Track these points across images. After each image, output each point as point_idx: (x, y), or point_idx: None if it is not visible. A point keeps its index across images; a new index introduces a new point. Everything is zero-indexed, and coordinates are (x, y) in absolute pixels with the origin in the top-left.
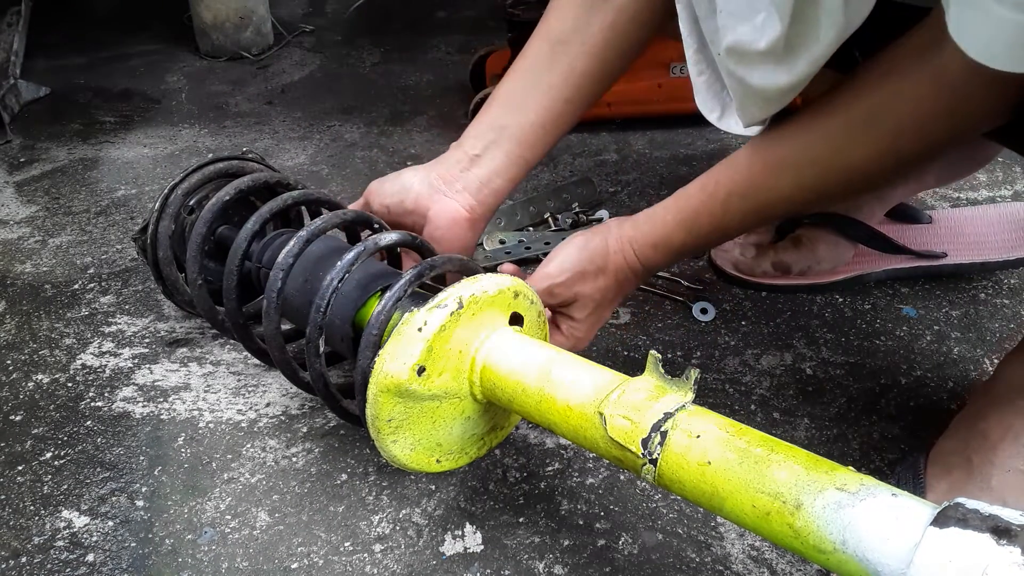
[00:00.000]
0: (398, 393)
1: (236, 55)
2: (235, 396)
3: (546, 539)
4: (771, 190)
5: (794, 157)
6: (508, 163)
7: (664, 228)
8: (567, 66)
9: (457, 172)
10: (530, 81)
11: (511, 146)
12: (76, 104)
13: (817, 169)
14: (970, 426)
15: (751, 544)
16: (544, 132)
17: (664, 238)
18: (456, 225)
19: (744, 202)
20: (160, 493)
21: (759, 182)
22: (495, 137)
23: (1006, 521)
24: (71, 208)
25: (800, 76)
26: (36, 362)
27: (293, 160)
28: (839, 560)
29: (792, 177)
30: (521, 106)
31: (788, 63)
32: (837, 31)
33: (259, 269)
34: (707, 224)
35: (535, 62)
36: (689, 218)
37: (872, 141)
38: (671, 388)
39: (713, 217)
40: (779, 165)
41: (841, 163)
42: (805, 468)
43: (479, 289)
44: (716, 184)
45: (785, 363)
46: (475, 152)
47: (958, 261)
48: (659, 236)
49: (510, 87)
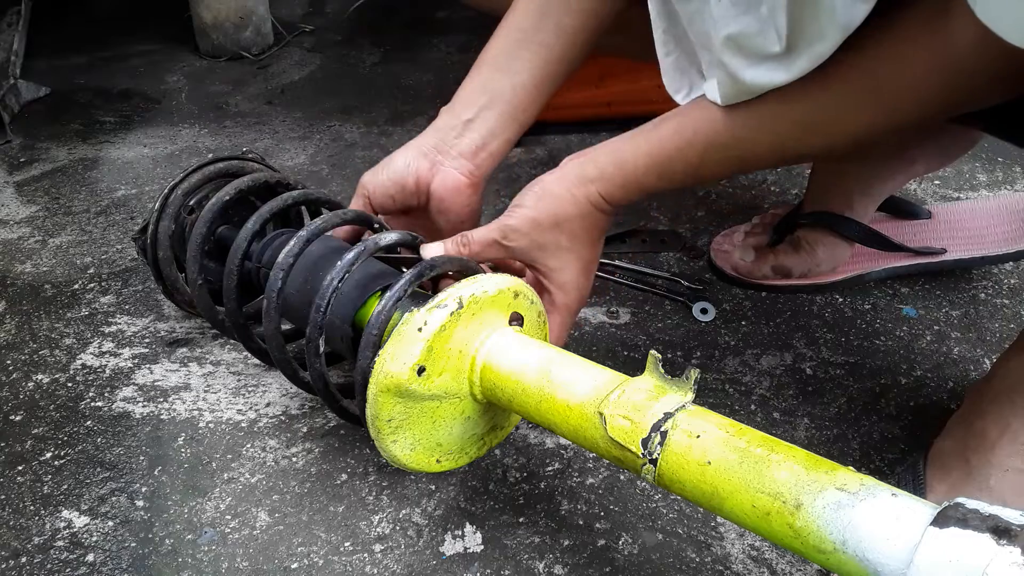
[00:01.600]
0: (398, 393)
1: (236, 55)
2: (235, 396)
3: (546, 539)
4: (755, 145)
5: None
6: (503, 125)
7: (635, 172)
8: (554, 23)
9: (451, 139)
10: (519, 40)
11: (504, 107)
12: (76, 104)
13: (806, 131)
14: (967, 425)
15: (751, 544)
16: (537, 92)
17: (635, 180)
18: (459, 193)
19: (724, 153)
20: (160, 493)
21: (742, 136)
22: (488, 100)
23: (1006, 521)
24: (71, 208)
25: (797, 74)
26: (36, 362)
27: (293, 160)
28: (839, 560)
29: (778, 136)
30: (512, 66)
31: (788, 61)
32: (840, 30)
33: (259, 269)
34: (681, 171)
35: (523, 20)
36: (662, 163)
37: (869, 109)
38: (671, 388)
39: (688, 165)
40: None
41: (833, 128)
42: (805, 468)
43: (479, 289)
44: (694, 132)
45: (785, 363)
46: (467, 116)
47: (958, 256)
48: (629, 179)
49: (499, 47)
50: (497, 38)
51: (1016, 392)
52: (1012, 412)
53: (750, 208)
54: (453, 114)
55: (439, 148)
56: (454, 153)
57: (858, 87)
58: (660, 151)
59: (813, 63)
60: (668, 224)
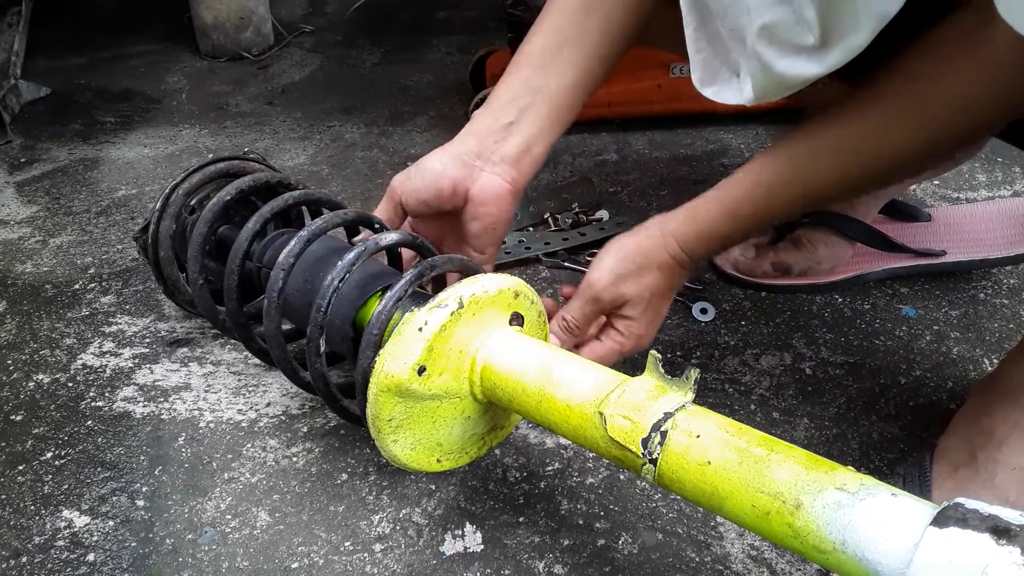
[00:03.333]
0: (399, 393)
1: (236, 55)
2: (235, 396)
3: (546, 539)
4: (815, 177)
5: (837, 145)
6: (546, 128)
7: (708, 218)
8: (602, 21)
9: (492, 144)
10: (564, 38)
11: (548, 109)
12: (76, 104)
13: (861, 156)
14: (974, 422)
15: (751, 544)
16: (580, 91)
17: (708, 228)
18: (501, 200)
19: (787, 190)
20: (160, 493)
21: (802, 169)
22: (530, 100)
23: (1006, 521)
24: (72, 208)
25: (830, 67)
26: (37, 362)
27: (293, 160)
28: (839, 560)
29: (836, 165)
30: (554, 66)
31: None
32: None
33: (260, 269)
34: (751, 213)
35: (566, 18)
36: (732, 208)
37: (917, 128)
38: (671, 388)
39: (757, 206)
40: (822, 153)
41: (885, 150)
42: (805, 468)
43: (479, 289)
44: (759, 173)
45: (785, 363)
46: (509, 119)
47: (957, 258)
48: (703, 227)
49: (541, 44)
50: (537, 35)
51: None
52: (1019, 410)
53: None
54: (493, 117)
55: (480, 153)
56: (496, 159)
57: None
58: (728, 196)
59: (847, 56)
60: None
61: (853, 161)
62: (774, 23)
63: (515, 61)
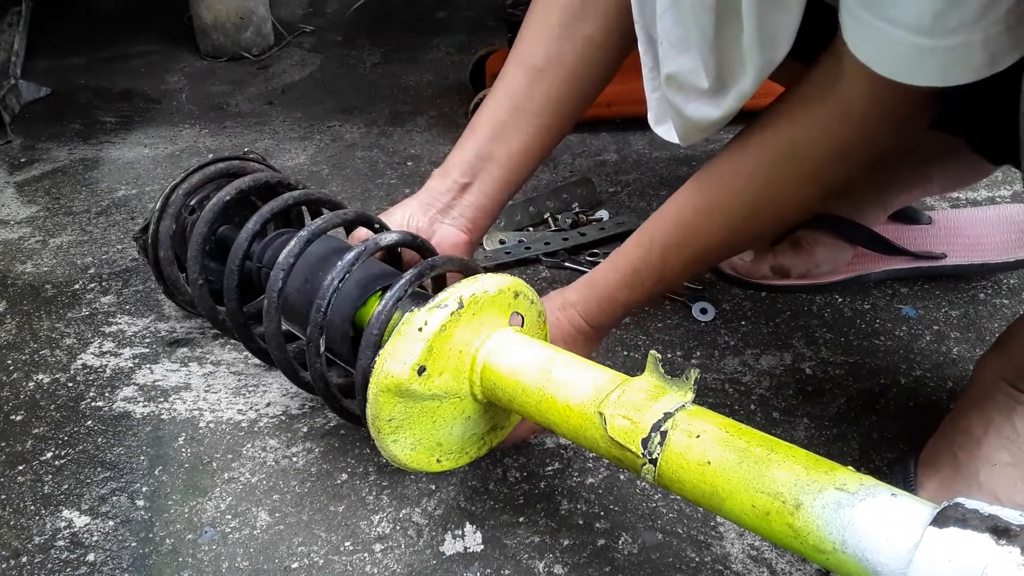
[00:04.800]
0: (398, 393)
1: (236, 55)
2: (235, 396)
3: (546, 539)
4: (706, 236)
5: (722, 200)
6: (497, 188)
7: (606, 286)
8: (544, 95)
9: (449, 200)
10: (510, 109)
11: (499, 172)
12: (76, 104)
13: (747, 209)
14: (954, 425)
15: (751, 544)
16: (529, 156)
17: (608, 295)
18: (457, 248)
19: (681, 252)
20: (160, 493)
21: (693, 230)
22: (482, 165)
23: (1005, 521)
24: (72, 208)
25: (728, 111)
26: (37, 362)
27: (293, 160)
28: (839, 560)
29: (724, 220)
30: (504, 134)
31: (718, 99)
32: (758, 70)
33: (260, 269)
34: (648, 278)
35: (513, 89)
36: (629, 275)
37: (795, 175)
38: (671, 388)
39: (653, 270)
40: (709, 210)
41: (768, 200)
42: (805, 468)
43: (479, 289)
44: (651, 239)
45: (785, 363)
46: (465, 180)
47: (957, 262)
48: (602, 295)
49: (491, 114)
50: (490, 103)
51: (997, 388)
52: (993, 407)
53: None
54: (449, 178)
55: (437, 207)
56: (454, 213)
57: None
58: (625, 263)
59: (739, 101)
60: None
61: (740, 217)
62: (677, 72)
63: (472, 125)
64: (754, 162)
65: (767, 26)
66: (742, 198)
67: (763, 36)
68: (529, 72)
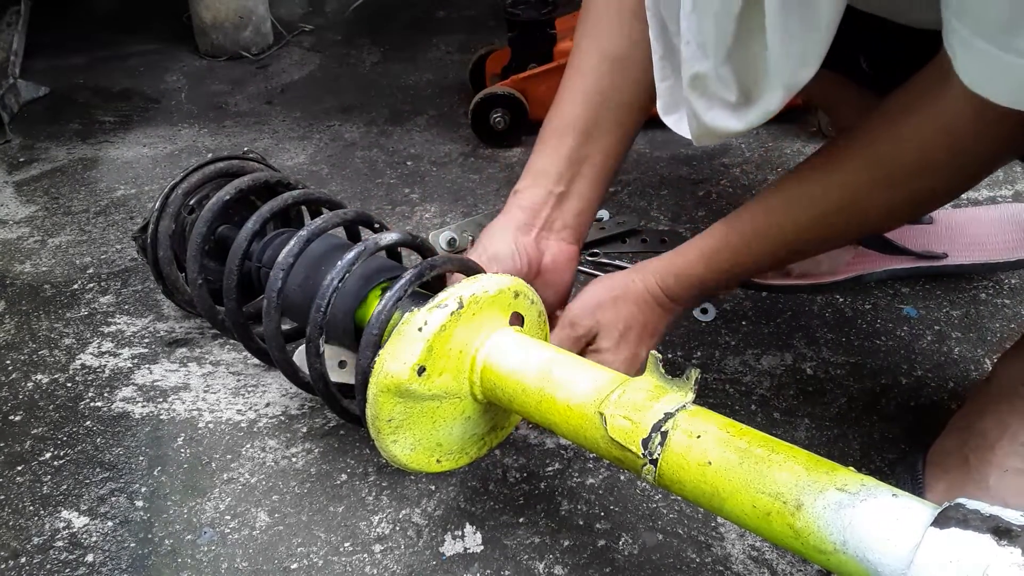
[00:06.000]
0: (398, 393)
1: (236, 55)
2: (235, 396)
3: (546, 539)
4: (790, 230)
5: (814, 199)
6: (596, 192)
7: (685, 260)
8: (632, 83)
9: (549, 213)
10: (598, 105)
11: (595, 173)
12: (75, 104)
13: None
14: (967, 425)
15: (751, 544)
16: (622, 150)
17: (685, 269)
18: (571, 263)
19: (762, 240)
20: (160, 493)
21: (777, 221)
22: (577, 170)
23: (1006, 522)
24: (70, 208)
25: (750, 125)
26: (35, 362)
27: (293, 160)
28: (839, 560)
29: (807, 215)
30: (595, 133)
31: (741, 112)
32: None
33: (259, 268)
34: (727, 260)
35: (599, 85)
36: (709, 252)
37: (886, 186)
38: (671, 388)
39: (733, 253)
40: (795, 203)
41: (858, 207)
42: (806, 468)
43: (479, 289)
44: (738, 221)
45: (785, 363)
46: (561, 189)
47: (958, 262)
48: (679, 267)
49: (576, 113)
50: (570, 100)
51: (1016, 394)
52: (1011, 413)
53: None
54: (543, 189)
55: (537, 224)
56: (558, 226)
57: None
58: (708, 241)
59: (763, 118)
60: (668, 224)
61: (823, 219)
62: (704, 74)
63: (553, 131)
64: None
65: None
66: (829, 195)
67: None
68: (613, 64)
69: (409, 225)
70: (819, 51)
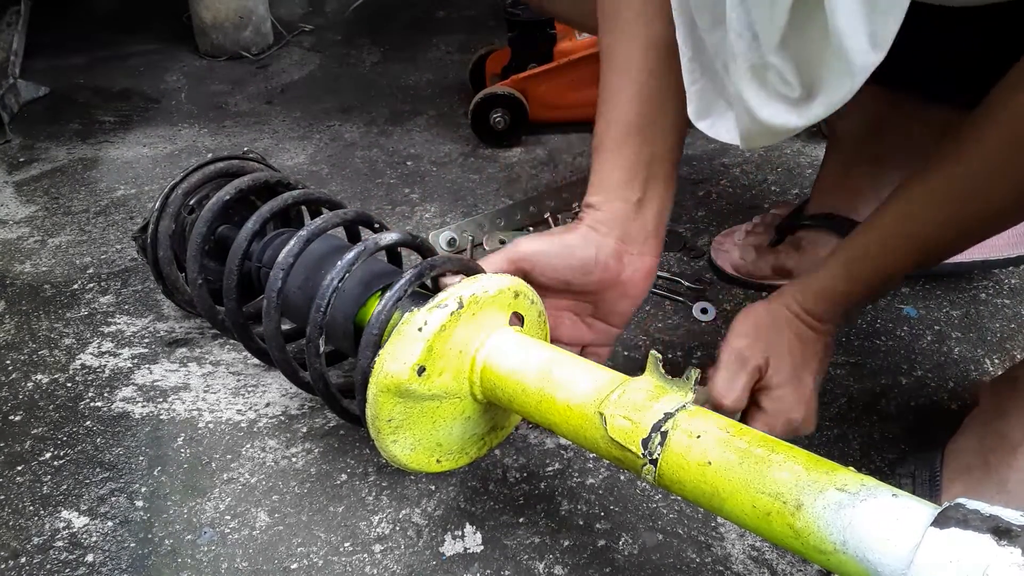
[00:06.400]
0: (398, 393)
1: (236, 55)
2: (235, 396)
3: (546, 539)
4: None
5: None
6: (668, 191)
7: (826, 275)
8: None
9: (630, 224)
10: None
11: (664, 170)
12: (75, 104)
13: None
14: (987, 425)
15: (751, 544)
16: (683, 137)
17: (826, 285)
18: (650, 276)
19: (903, 242)
20: (159, 493)
21: (917, 221)
22: (648, 172)
23: (1007, 522)
24: (70, 208)
25: (812, 120)
26: (35, 362)
27: (293, 160)
28: (839, 560)
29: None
30: (658, 127)
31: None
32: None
33: (259, 269)
34: (869, 268)
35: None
36: (849, 263)
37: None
38: (671, 388)
39: (874, 261)
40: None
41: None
42: (805, 468)
43: (479, 289)
44: (875, 227)
45: None
46: (637, 196)
47: (958, 260)
48: (821, 284)
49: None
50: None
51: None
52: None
53: (750, 208)
54: (620, 198)
55: (624, 238)
56: (640, 238)
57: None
58: (846, 252)
59: (827, 111)
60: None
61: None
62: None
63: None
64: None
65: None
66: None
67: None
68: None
69: (409, 225)
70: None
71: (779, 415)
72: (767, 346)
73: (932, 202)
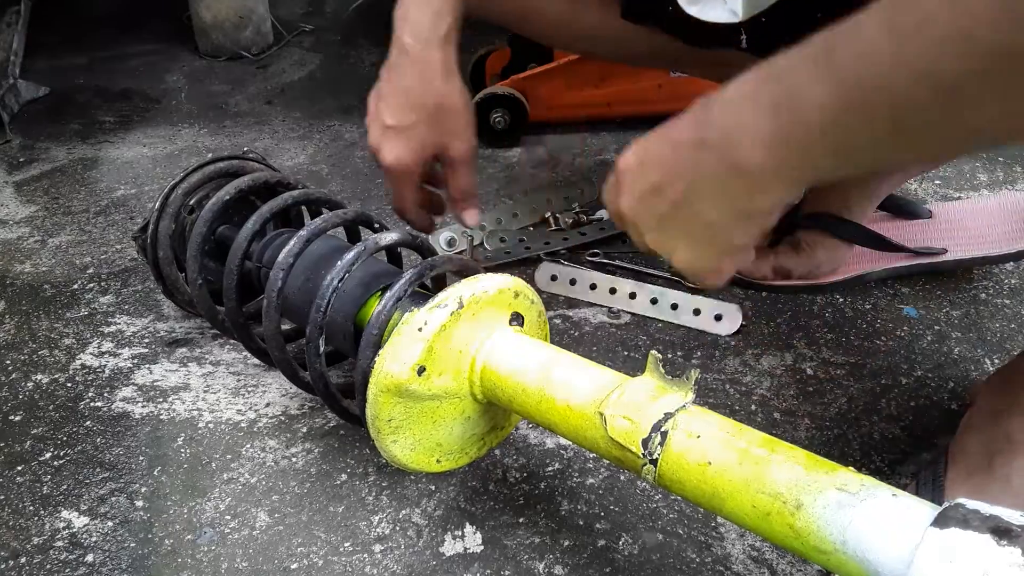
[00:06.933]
0: (398, 393)
1: (235, 55)
2: (235, 396)
3: (546, 539)
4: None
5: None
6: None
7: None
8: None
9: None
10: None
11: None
12: (75, 104)
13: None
14: (992, 425)
15: (751, 544)
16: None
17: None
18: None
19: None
20: (159, 493)
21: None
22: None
23: (1006, 522)
24: (70, 208)
25: None
26: (35, 362)
27: (293, 160)
28: (839, 560)
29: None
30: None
31: None
32: None
33: (259, 269)
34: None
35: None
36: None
37: (908, 59)
38: (671, 388)
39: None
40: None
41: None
42: (805, 468)
43: (479, 289)
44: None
45: (785, 363)
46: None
47: (959, 256)
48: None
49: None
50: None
51: None
52: None
53: None
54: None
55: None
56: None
57: (888, 30)
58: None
59: None
60: None
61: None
62: None
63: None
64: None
65: None
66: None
67: None
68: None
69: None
70: None
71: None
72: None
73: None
